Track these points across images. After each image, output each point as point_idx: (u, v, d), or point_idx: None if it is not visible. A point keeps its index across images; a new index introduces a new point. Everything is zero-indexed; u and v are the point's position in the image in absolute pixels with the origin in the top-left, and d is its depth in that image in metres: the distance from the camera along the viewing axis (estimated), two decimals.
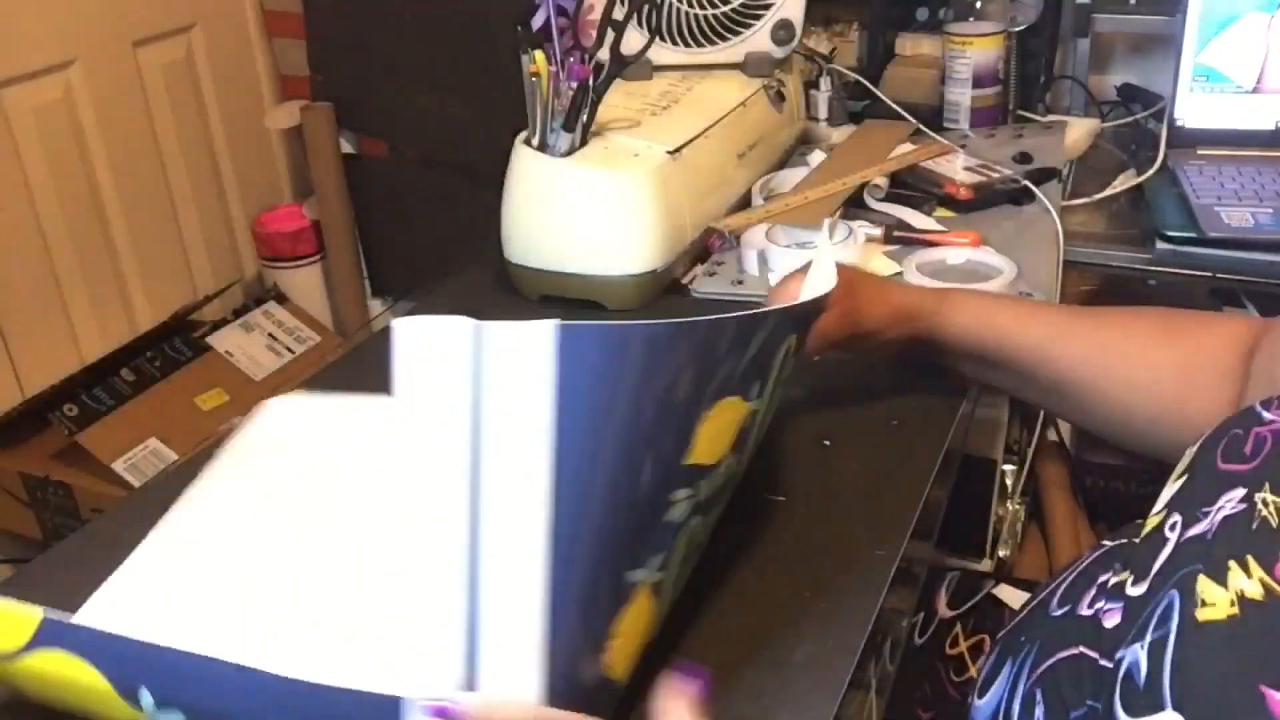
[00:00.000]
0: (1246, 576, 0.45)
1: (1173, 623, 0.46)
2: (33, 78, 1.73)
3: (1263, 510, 0.47)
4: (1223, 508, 0.49)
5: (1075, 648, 0.52)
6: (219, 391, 1.74)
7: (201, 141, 2.07)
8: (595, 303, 0.97)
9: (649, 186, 0.94)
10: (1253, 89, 1.27)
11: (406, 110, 1.92)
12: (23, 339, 1.74)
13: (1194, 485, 0.53)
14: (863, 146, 1.21)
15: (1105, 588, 0.53)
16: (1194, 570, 0.47)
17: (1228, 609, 0.44)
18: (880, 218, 1.08)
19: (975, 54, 1.31)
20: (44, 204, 1.77)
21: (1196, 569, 0.47)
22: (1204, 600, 0.45)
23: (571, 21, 0.92)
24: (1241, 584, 0.45)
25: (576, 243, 0.96)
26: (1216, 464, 0.52)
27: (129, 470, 1.57)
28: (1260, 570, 0.45)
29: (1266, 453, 0.50)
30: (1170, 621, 0.46)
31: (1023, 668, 0.55)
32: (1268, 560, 0.45)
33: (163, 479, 0.84)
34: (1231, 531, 0.48)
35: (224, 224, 2.14)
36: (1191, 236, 1.14)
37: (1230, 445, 0.52)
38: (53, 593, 0.68)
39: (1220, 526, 0.48)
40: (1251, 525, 0.47)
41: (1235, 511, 0.48)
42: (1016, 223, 1.09)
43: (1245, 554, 0.45)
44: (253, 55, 2.17)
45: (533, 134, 0.96)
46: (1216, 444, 0.53)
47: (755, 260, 0.99)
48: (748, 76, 1.19)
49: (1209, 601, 0.45)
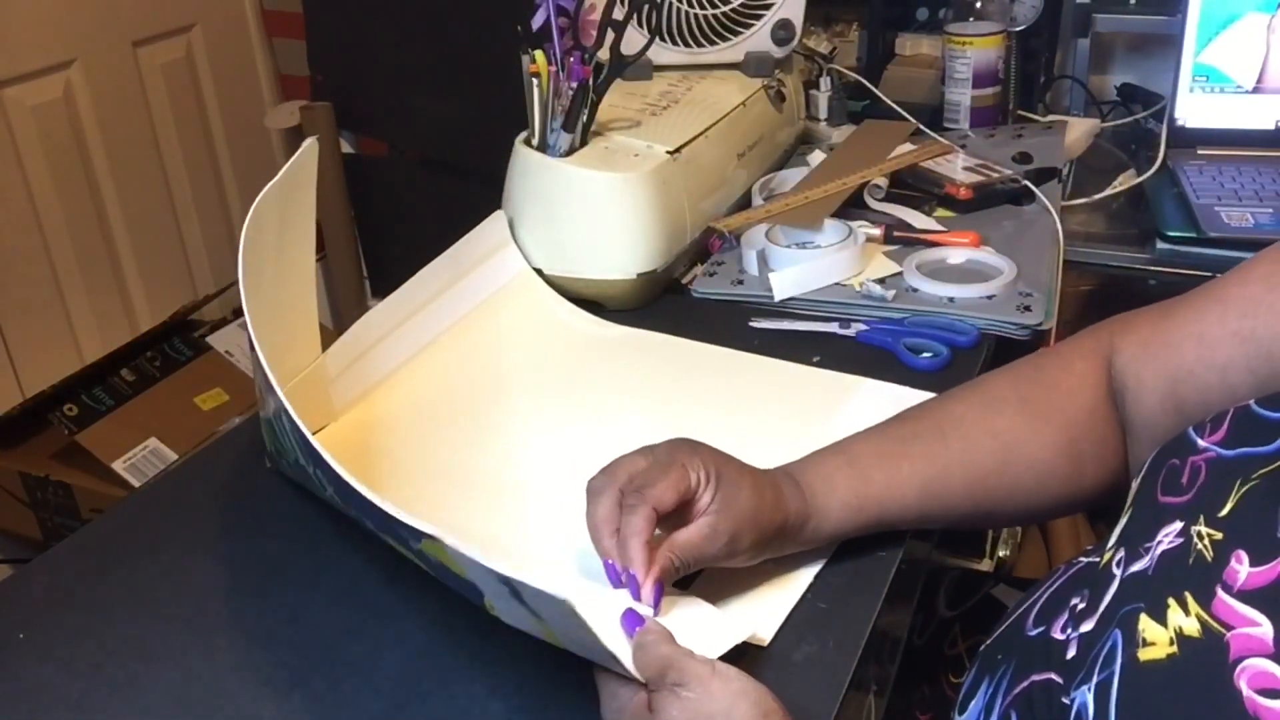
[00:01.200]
0: (1185, 614, 0.45)
1: (1116, 664, 0.46)
2: (33, 78, 1.73)
3: (1198, 544, 0.47)
4: (1161, 542, 0.49)
5: (1046, 673, 0.52)
6: (219, 391, 1.74)
7: (201, 141, 2.07)
8: (595, 302, 0.97)
9: (649, 186, 0.94)
10: (1253, 89, 1.27)
11: (406, 110, 1.92)
12: (23, 339, 1.74)
13: (1136, 518, 0.53)
14: (863, 146, 1.21)
15: (1074, 612, 0.53)
16: (1136, 609, 0.47)
17: (1167, 648, 0.44)
18: (880, 218, 1.08)
19: (975, 54, 1.31)
20: (44, 204, 1.77)
21: (1138, 607, 0.47)
22: (1145, 639, 0.45)
23: (571, 21, 0.92)
24: (1180, 621, 0.45)
25: (576, 243, 0.96)
26: (1156, 497, 0.52)
27: (129, 470, 1.57)
28: (1197, 606, 0.44)
29: (1201, 483, 0.50)
30: (1114, 663, 0.46)
31: (998, 688, 0.55)
32: (1204, 596, 0.45)
33: (162, 479, 0.84)
34: (1170, 567, 0.47)
35: (224, 224, 2.14)
36: (1191, 236, 1.14)
37: (1169, 476, 0.52)
38: (53, 593, 0.68)
39: (1159, 562, 0.48)
40: (1189, 560, 0.47)
41: (1172, 546, 0.48)
42: (1016, 223, 1.09)
43: (1183, 590, 0.45)
44: (253, 55, 2.17)
45: (533, 134, 0.96)
46: (1156, 475, 0.53)
47: (755, 260, 0.99)
48: (748, 76, 1.19)
49: (1150, 640, 0.45)
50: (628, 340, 0.94)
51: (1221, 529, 0.46)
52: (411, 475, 0.77)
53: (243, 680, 0.60)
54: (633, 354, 0.92)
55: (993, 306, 0.93)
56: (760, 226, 1.03)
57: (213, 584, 0.68)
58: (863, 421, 0.72)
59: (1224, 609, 0.44)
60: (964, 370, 0.86)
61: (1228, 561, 0.45)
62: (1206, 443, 0.51)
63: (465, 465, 0.78)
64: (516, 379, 0.89)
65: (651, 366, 0.90)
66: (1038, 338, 0.92)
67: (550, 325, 0.95)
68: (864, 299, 0.95)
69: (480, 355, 0.90)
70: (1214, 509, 0.47)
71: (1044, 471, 0.67)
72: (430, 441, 0.81)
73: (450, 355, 0.90)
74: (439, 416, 0.83)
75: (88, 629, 0.64)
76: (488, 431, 0.82)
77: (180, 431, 1.64)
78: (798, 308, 0.96)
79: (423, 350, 0.89)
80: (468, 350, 0.90)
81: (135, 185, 1.92)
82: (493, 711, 0.57)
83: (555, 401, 0.86)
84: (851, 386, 0.85)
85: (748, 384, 0.87)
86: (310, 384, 0.79)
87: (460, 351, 0.90)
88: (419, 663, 0.61)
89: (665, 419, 0.82)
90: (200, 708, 0.58)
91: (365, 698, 0.59)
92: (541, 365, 0.90)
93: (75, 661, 0.62)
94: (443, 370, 0.88)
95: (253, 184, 2.19)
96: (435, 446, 0.80)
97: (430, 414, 0.84)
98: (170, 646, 0.63)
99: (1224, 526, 0.46)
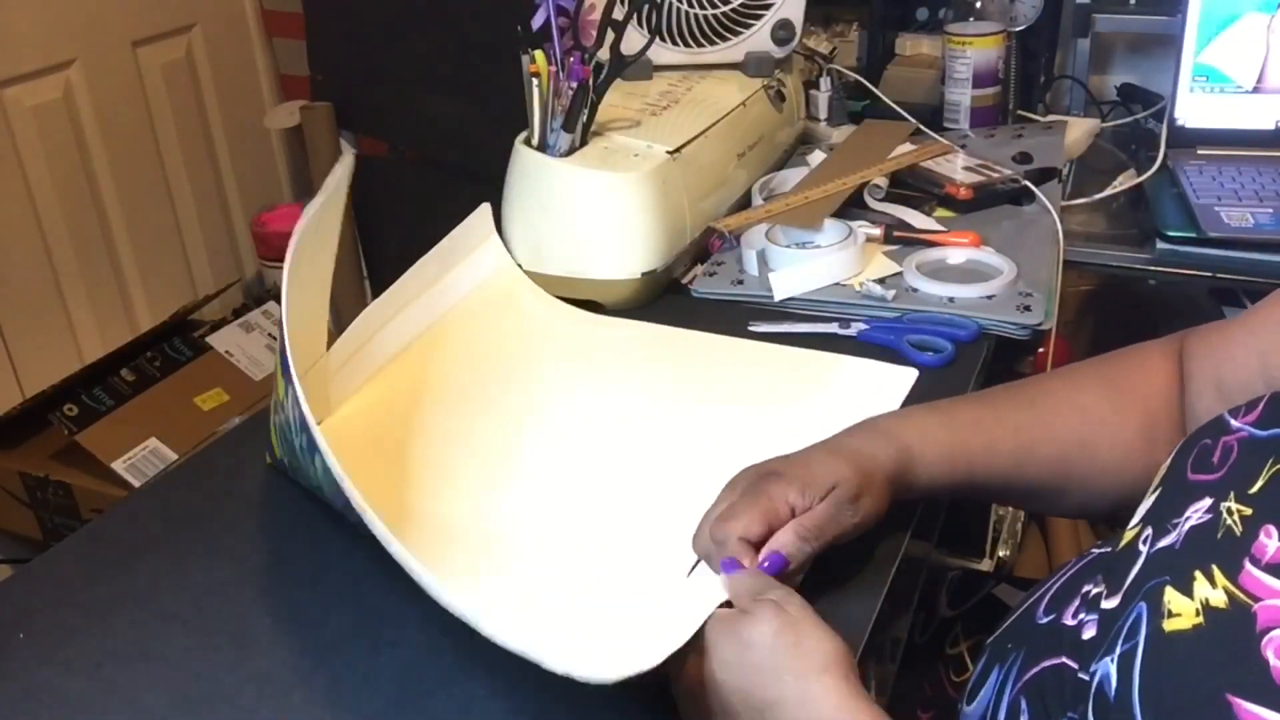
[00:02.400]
0: (1211, 586, 0.45)
1: (1141, 635, 0.46)
2: (33, 78, 1.73)
3: (1227, 519, 0.47)
4: (1190, 518, 0.49)
5: (1058, 658, 0.52)
6: (219, 391, 1.74)
7: (201, 141, 2.07)
8: (595, 302, 0.97)
9: (649, 186, 0.94)
10: (1253, 89, 1.27)
11: (406, 110, 1.91)
12: (23, 339, 1.74)
13: (1165, 497, 0.53)
14: (863, 146, 1.21)
15: (1086, 598, 0.53)
16: (1161, 582, 0.47)
17: (1193, 619, 0.45)
18: (880, 218, 1.08)
19: (975, 54, 1.31)
20: (44, 204, 1.77)
21: (1164, 580, 0.47)
22: (1170, 611, 0.45)
23: (571, 21, 0.92)
24: (1206, 593, 0.45)
25: (576, 243, 0.96)
26: (1186, 475, 0.52)
27: (129, 470, 1.57)
28: (1224, 579, 0.45)
29: (1232, 461, 0.50)
30: (1138, 634, 0.46)
31: (1009, 675, 0.55)
32: (1232, 569, 0.45)
33: (162, 479, 0.84)
34: (1197, 542, 0.48)
35: (224, 224, 2.14)
36: (1191, 236, 1.14)
37: (1200, 455, 0.53)
38: (53, 593, 0.68)
39: (1187, 537, 0.48)
40: (1217, 535, 0.47)
41: (1201, 522, 0.48)
42: (1016, 223, 1.09)
43: (1210, 563, 0.46)
44: (253, 55, 2.17)
45: (533, 134, 0.96)
46: (1187, 455, 0.54)
47: (755, 260, 0.99)
48: (748, 76, 1.19)
49: (1175, 612, 0.45)
50: (600, 326, 0.95)
51: (1251, 505, 0.47)
52: (398, 468, 0.77)
53: (243, 680, 0.60)
54: (605, 341, 0.93)
55: (993, 306, 0.93)
56: (760, 226, 1.03)
57: (213, 584, 0.68)
58: (847, 398, 0.72)
59: (1251, 581, 0.44)
60: (968, 367, 0.86)
61: (1256, 536, 0.45)
62: (1240, 423, 0.52)
63: (453, 459, 0.78)
64: (496, 371, 0.89)
65: (622, 352, 0.91)
66: (1037, 338, 0.92)
67: (529, 317, 0.95)
68: (864, 299, 0.95)
69: (462, 348, 0.91)
70: (1245, 486, 0.48)
71: (1125, 453, 0.68)
72: (414, 435, 0.81)
73: (433, 349, 0.90)
74: (423, 410, 0.84)
75: (88, 629, 0.64)
76: (469, 425, 0.82)
77: (180, 431, 1.64)
78: (797, 308, 0.96)
79: (410, 345, 0.90)
80: (450, 343, 0.91)
81: (135, 185, 1.92)
82: (493, 711, 0.57)
83: (533, 391, 0.86)
84: (832, 364, 0.86)
85: (727, 367, 0.88)
86: (312, 381, 0.80)
87: (443, 345, 0.91)
88: (419, 663, 0.61)
89: (642, 404, 0.83)
90: (200, 708, 0.58)
91: (365, 698, 0.59)
92: (522, 356, 0.91)
93: (75, 661, 0.62)
94: (426, 364, 0.89)
95: (253, 184, 2.20)
96: (418, 439, 0.81)
97: (415, 408, 0.84)
98: (170, 646, 0.63)
99: (1254, 503, 0.47)
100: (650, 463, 0.77)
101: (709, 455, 0.75)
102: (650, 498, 0.73)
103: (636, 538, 0.69)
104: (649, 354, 0.91)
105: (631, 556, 0.67)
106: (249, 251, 2.15)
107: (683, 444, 0.78)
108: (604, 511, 0.72)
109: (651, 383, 0.86)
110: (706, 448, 0.77)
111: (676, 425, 0.81)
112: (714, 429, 0.80)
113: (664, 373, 0.88)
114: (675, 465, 0.76)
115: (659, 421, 0.81)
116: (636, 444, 0.79)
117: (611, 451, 0.78)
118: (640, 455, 0.77)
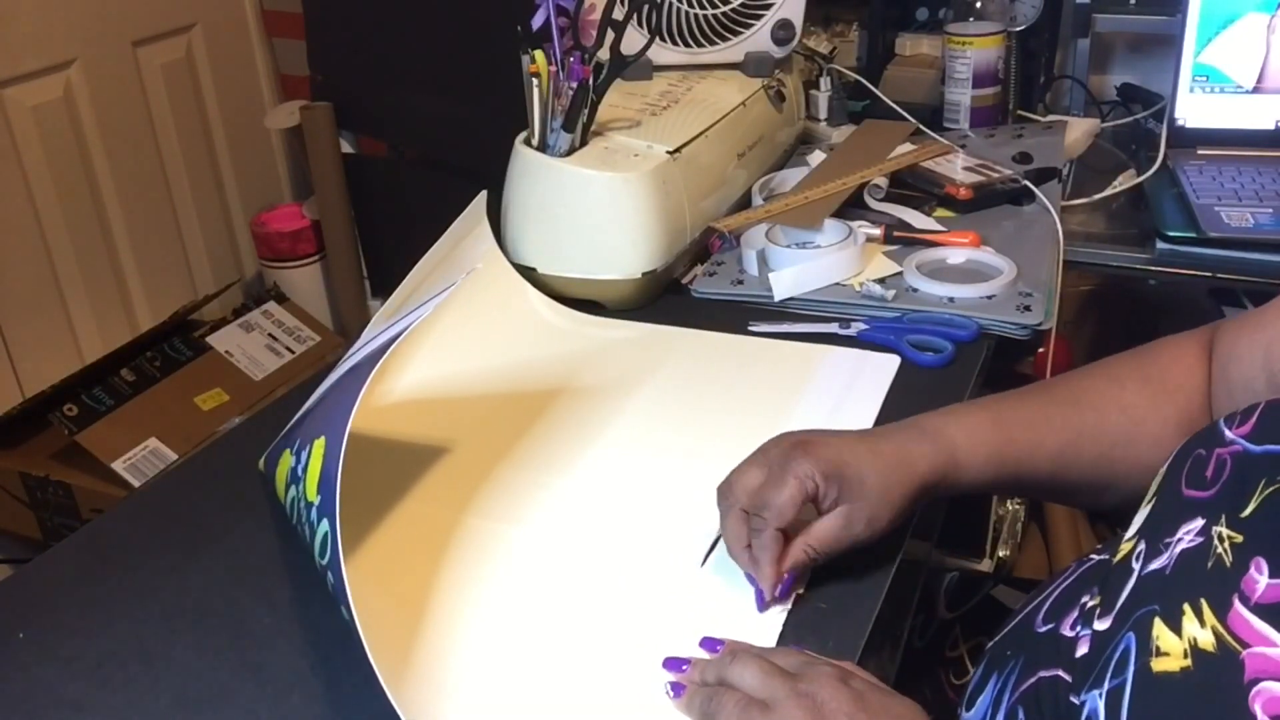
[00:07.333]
0: (1200, 624, 0.44)
1: (1129, 672, 0.45)
2: (33, 78, 1.73)
3: (1218, 546, 0.46)
4: (1181, 539, 0.48)
5: (1055, 669, 0.51)
6: (219, 391, 1.74)
7: (201, 141, 2.07)
8: (595, 302, 0.97)
9: (649, 186, 0.94)
10: (1253, 89, 1.27)
11: (406, 110, 1.91)
12: (23, 339, 1.74)
13: (1159, 510, 0.53)
14: (863, 146, 1.21)
15: (1084, 610, 0.53)
16: (1150, 611, 0.46)
17: (1180, 660, 0.44)
18: (880, 218, 1.08)
19: (975, 54, 1.31)
20: (44, 204, 1.77)
21: (1153, 610, 0.46)
22: (1159, 648, 0.45)
23: (571, 21, 0.92)
24: (1194, 632, 0.44)
25: (576, 243, 0.96)
26: (1180, 489, 0.52)
27: (129, 470, 1.57)
28: (1213, 618, 0.44)
29: (1225, 478, 0.49)
30: (1127, 670, 0.46)
31: (1007, 683, 0.55)
32: (1221, 605, 0.44)
33: (162, 479, 0.84)
34: (1188, 569, 0.47)
35: (224, 224, 2.14)
36: (1191, 236, 1.14)
37: (1194, 467, 0.52)
38: (53, 593, 0.68)
39: (1178, 561, 0.48)
40: (1207, 563, 0.46)
41: (1192, 546, 0.48)
42: (1016, 223, 1.09)
43: (1199, 597, 0.45)
44: (253, 55, 2.17)
45: (533, 134, 0.96)
46: (1181, 466, 0.53)
47: (755, 260, 0.99)
48: (748, 76, 1.19)
49: (1164, 650, 0.45)
50: (600, 326, 0.96)
51: (1242, 531, 0.46)
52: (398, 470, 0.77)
53: (243, 680, 0.60)
54: (588, 338, 0.94)
55: (993, 306, 0.93)
56: (760, 226, 1.03)
57: (213, 584, 0.68)
58: (835, 388, 0.72)
59: (1240, 623, 0.43)
60: (968, 367, 0.86)
61: (1246, 568, 0.44)
62: (1234, 434, 0.51)
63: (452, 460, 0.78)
64: (496, 373, 0.89)
65: (605, 349, 0.92)
66: (1037, 338, 0.92)
67: (529, 318, 0.96)
68: (864, 299, 0.95)
69: (462, 351, 0.91)
70: (1236, 509, 0.47)
71: (1165, 451, 0.67)
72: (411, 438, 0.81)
73: (433, 352, 0.90)
74: (422, 412, 0.84)
75: (88, 629, 0.64)
76: (469, 427, 0.82)
77: (180, 431, 1.64)
78: (797, 308, 0.96)
79: (411, 351, 0.90)
80: (450, 346, 0.91)
81: (135, 185, 1.92)
82: None
83: (533, 392, 0.86)
84: (815, 355, 0.87)
85: (723, 365, 0.88)
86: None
87: (443, 348, 0.91)
88: None
89: (641, 404, 0.84)
90: (200, 708, 0.58)
91: (365, 698, 0.59)
92: (522, 357, 0.91)
93: (75, 661, 0.62)
94: (426, 367, 0.89)
95: (253, 184, 2.20)
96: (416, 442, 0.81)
97: (414, 412, 0.84)
98: (170, 646, 0.63)
99: (1245, 528, 0.46)
100: (650, 463, 0.77)
101: (709, 456, 0.75)
102: (650, 498, 0.73)
103: (637, 538, 0.69)
104: (649, 354, 0.91)
105: (634, 557, 0.67)
106: (249, 251, 2.15)
107: (682, 444, 0.78)
108: (604, 512, 0.72)
109: (651, 383, 0.86)
110: (706, 448, 0.77)
111: (676, 425, 0.81)
112: (713, 429, 0.80)
113: (664, 373, 0.88)
114: (675, 465, 0.76)
115: (658, 421, 0.81)
116: (636, 444, 0.79)
117: (611, 452, 0.78)
118: (640, 455, 0.77)
